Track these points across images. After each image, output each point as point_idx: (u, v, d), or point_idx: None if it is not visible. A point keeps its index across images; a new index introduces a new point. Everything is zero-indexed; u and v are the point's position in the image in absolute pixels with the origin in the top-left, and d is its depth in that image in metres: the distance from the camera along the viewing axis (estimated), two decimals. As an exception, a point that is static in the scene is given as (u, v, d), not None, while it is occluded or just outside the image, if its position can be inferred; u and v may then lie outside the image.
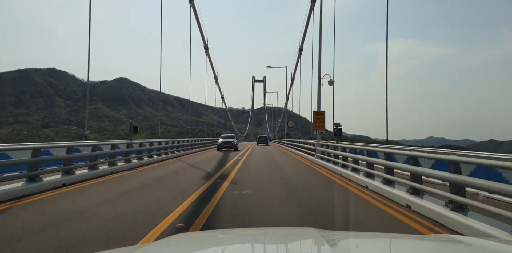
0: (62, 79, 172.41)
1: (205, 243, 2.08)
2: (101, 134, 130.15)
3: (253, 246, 2.06)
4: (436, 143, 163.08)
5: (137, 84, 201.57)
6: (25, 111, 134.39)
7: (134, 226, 5.67)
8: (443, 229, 5.52)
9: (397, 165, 8.78)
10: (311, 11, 31.96)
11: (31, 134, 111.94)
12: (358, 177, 10.97)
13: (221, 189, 9.33)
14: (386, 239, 2.31)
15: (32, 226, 5.69)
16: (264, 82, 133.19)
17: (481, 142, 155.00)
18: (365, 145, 17.07)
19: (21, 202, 7.61)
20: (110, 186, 10.38)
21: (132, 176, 12.83)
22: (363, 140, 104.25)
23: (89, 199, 8.28)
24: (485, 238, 3.16)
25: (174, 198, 8.15)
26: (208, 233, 3.34)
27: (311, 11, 32.00)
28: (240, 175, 12.79)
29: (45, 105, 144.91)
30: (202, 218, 6.24)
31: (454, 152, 9.88)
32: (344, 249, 1.89)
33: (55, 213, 6.70)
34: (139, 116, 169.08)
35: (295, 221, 6.28)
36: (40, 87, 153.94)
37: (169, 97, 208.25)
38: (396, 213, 6.73)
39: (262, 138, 56.52)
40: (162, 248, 1.95)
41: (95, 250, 2.22)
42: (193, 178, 12.06)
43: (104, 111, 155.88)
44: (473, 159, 6.20)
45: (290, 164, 19.07)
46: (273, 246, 2.08)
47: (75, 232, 5.31)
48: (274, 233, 2.54)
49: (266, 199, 8.19)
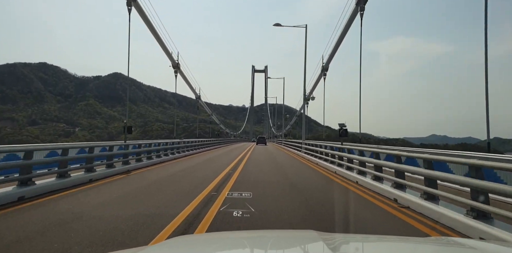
0: (53, 74, 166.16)
1: (204, 246, 2.08)
2: (90, 131, 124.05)
3: (253, 249, 2.04)
4: (438, 140, 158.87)
5: (133, 80, 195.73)
6: (11, 108, 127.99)
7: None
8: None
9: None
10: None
11: (12, 131, 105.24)
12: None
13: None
14: (386, 242, 2.29)
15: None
16: (266, 72, 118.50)
17: (485, 140, 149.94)
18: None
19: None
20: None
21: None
22: (367, 138, 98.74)
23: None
24: (485, 241, 3.09)
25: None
26: (208, 235, 3.35)
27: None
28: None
29: (34, 101, 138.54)
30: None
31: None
32: (344, 252, 1.89)
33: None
34: (134, 113, 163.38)
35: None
36: (30, 82, 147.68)
37: (166, 94, 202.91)
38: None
39: (261, 138, 65.82)
40: (162, 251, 1.95)
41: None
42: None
43: (96, 107, 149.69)
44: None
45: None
46: (273, 250, 2.08)
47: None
48: (274, 236, 2.53)
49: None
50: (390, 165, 9.14)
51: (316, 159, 20.19)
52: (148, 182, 11.15)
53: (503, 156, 10.47)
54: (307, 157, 23.49)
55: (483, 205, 5.41)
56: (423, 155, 7.86)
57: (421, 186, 7.32)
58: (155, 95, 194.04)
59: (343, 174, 13.45)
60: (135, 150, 16.51)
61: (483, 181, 5.53)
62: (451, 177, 6.69)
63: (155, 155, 19.24)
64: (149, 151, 18.22)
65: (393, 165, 8.92)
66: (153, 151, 18.98)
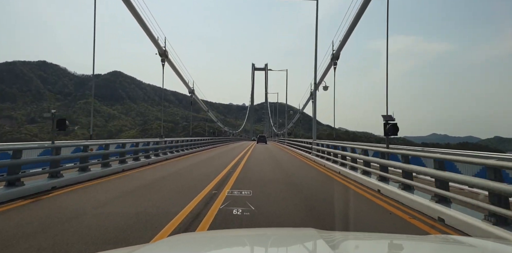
0: (53, 73, 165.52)
1: (204, 244, 2.08)
2: (90, 130, 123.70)
3: (253, 247, 2.05)
4: (439, 140, 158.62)
5: (132, 78, 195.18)
6: (10, 106, 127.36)
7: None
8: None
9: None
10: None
11: (11, 130, 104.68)
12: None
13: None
14: (385, 240, 2.33)
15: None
16: (266, 70, 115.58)
17: (486, 139, 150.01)
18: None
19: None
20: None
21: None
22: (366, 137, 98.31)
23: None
24: (485, 239, 3.17)
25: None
26: (208, 233, 3.34)
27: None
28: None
29: (33, 99, 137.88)
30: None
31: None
32: (343, 250, 1.88)
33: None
34: (133, 111, 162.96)
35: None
36: (29, 81, 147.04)
37: (166, 92, 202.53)
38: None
39: (262, 137, 67.09)
40: (162, 249, 1.94)
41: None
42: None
43: (95, 106, 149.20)
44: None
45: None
46: (273, 248, 2.05)
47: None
48: (274, 234, 2.55)
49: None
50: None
51: (342, 167, 13.94)
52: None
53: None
54: (323, 162, 17.71)
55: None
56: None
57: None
58: (155, 94, 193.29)
59: (418, 205, 7.14)
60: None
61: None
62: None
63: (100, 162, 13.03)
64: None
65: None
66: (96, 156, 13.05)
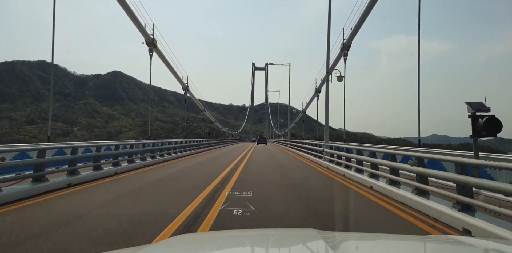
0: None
1: (205, 245, 2.07)
2: (89, 131, 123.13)
3: (253, 248, 2.03)
4: (440, 140, 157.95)
5: (132, 79, 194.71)
6: (10, 106, 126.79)
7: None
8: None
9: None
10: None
11: (10, 131, 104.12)
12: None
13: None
14: (386, 240, 2.30)
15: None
16: (266, 70, 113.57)
17: (487, 140, 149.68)
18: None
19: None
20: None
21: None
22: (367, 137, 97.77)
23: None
24: (485, 239, 3.01)
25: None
26: (209, 234, 3.33)
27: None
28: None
29: (33, 100, 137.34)
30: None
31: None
32: (344, 250, 1.87)
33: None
34: (133, 112, 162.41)
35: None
36: (28, 81, 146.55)
37: (165, 93, 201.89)
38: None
39: (262, 138, 66.72)
40: (163, 249, 1.93)
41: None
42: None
43: (95, 106, 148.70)
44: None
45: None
46: (273, 248, 2.06)
47: None
48: (274, 234, 2.53)
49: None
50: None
51: (393, 187, 8.80)
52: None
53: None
54: (343, 171, 13.64)
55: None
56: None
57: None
58: (155, 94, 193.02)
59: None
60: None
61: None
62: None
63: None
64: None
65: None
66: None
